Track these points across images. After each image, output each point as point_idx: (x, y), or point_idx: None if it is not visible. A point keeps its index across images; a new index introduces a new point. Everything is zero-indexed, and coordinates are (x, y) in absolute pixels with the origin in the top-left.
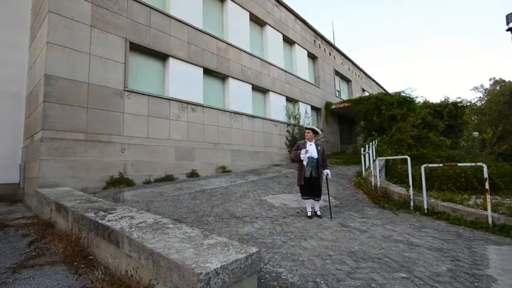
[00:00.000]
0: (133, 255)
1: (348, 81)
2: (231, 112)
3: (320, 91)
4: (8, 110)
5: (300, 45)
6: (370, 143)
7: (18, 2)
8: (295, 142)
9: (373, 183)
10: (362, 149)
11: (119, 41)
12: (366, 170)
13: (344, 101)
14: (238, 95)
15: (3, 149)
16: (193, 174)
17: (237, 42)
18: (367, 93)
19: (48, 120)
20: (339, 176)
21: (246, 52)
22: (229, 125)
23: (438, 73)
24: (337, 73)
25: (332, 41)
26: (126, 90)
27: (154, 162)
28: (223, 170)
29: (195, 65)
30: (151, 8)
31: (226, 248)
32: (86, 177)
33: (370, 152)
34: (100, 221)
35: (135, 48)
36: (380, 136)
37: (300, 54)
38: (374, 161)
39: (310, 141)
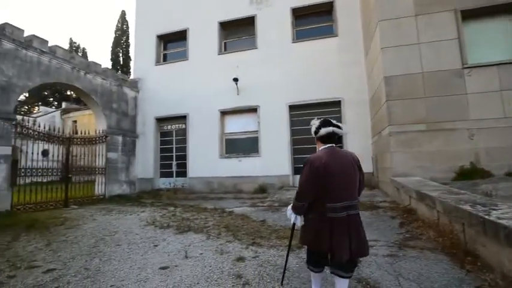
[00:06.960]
0: None
1: None
2: None
3: None
4: (357, 116)
5: None
6: None
7: (352, 36)
8: None
9: None
10: None
11: (446, 16)
12: None
13: None
14: None
15: (359, 145)
16: None
17: None
18: None
19: (392, 116)
20: None
21: None
22: None
23: None
24: None
25: None
26: (466, 67)
27: None
28: None
29: None
30: None
31: None
32: (431, 168)
33: None
34: (487, 217)
35: (469, 15)
36: None
37: None
38: None
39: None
